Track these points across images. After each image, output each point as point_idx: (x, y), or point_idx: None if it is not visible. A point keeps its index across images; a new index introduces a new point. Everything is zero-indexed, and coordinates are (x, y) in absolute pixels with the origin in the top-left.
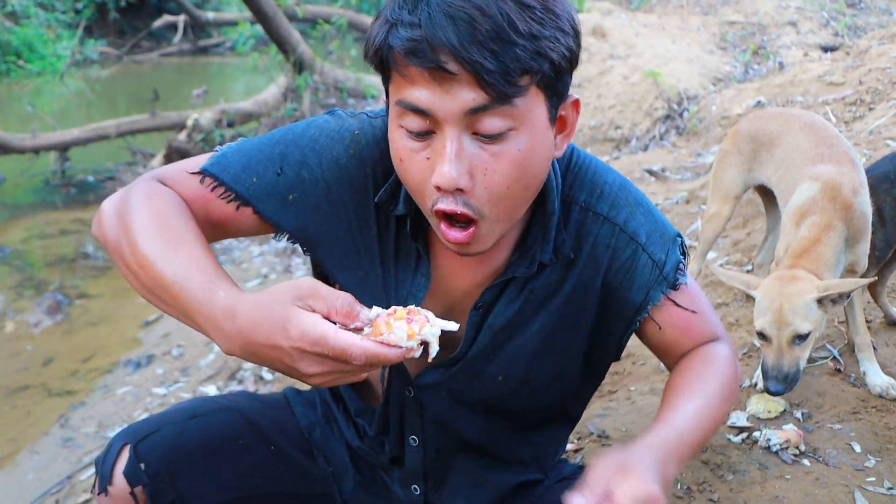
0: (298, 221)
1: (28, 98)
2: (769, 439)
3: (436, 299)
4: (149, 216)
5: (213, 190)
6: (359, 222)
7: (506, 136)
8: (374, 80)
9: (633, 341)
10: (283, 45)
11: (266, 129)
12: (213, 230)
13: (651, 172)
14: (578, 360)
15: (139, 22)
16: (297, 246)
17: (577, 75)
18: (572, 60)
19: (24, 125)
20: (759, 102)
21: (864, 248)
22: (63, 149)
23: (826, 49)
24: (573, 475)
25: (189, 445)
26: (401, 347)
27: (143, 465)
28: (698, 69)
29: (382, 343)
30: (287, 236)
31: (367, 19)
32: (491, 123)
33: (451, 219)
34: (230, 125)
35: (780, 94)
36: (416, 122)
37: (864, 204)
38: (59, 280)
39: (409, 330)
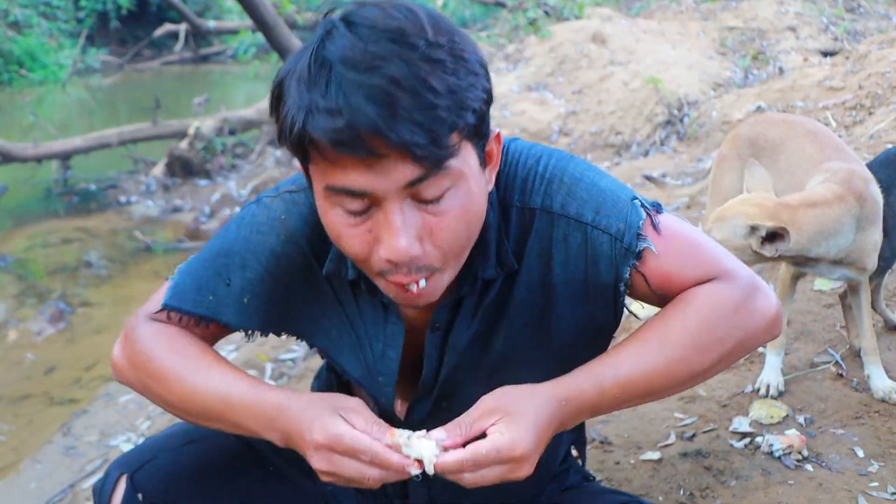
0: (259, 317)
1: (30, 107)
2: (772, 445)
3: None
4: (166, 356)
5: (180, 321)
6: (315, 296)
7: (445, 195)
8: None
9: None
10: (284, 54)
11: (267, 136)
12: (210, 342)
13: (649, 178)
14: (557, 363)
15: (140, 31)
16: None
17: (578, 81)
18: (489, 100)
19: (27, 134)
20: (759, 107)
21: (874, 238)
22: (65, 157)
23: (826, 54)
24: (578, 484)
25: (186, 472)
26: (406, 457)
27: (140, 496)
28: (698, 75)
29: (389, 447)
30: (259, 333)
31: None
32: (429, 190)
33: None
34: (231, 133)
35: (780, 100)
36: (353, 203)
37: (877, 193)
38: (61, 288)
39: (410, 440)
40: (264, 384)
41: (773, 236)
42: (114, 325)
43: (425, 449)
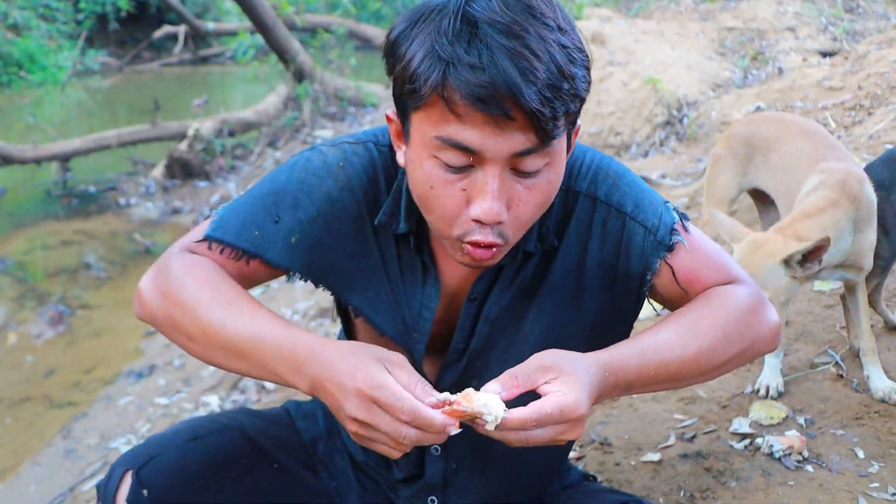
0: (304, 260)
1: (29, 109)
2: (772, 445)
3: (440, 302)
4: (199, 286)
5: (221, 253)
6: (360, 247)
7: (540, 171)
8: (373, 88)
9: None
10: (283, 55)
11: (266, 138)
12: (244, 285)
13: (644, 179)
14: (582, 344)
15: (140, 32)
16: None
17: None
18: (589, 92)
19: (26, 136)
20: (758, 108)
21: (871, 238)
22: (64, 159)
23: (825, 54)
24: (578, 483)
25: (191, 468)
26: (448, 418)
27: (145, 492)
28: (697, 75)
29: (435, 406)
30: (298, 276)
31: (366, 28)
32: (533, 163)
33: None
34: (231, 134)
35: (779, 100)
36: (458, 158)
37: (871, 193)
38: (61, 291)
39: (478, 402)
40: (298, 327)
41: (807, 256)
42: (113, 328)
43: (496, 404)
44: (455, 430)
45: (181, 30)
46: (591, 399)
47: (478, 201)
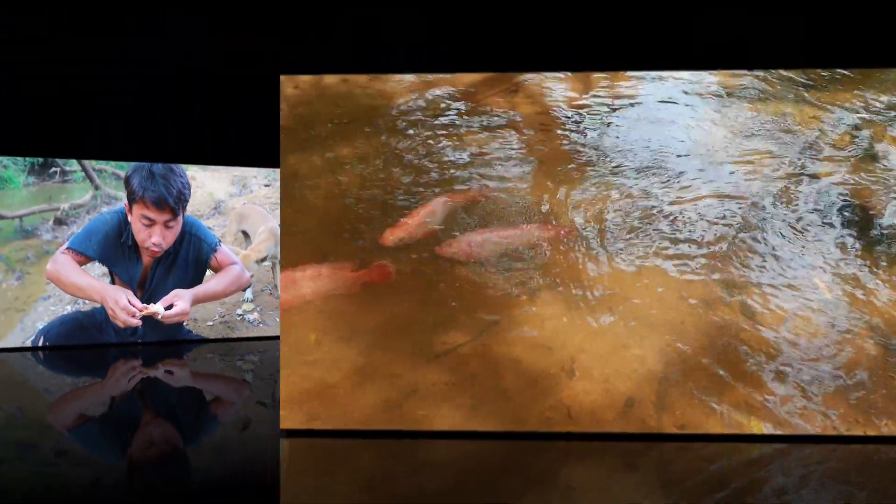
0: (99, 255)
1: (9, 198)
2: (250, 317)
3: (141, 269)
4: (66, 266)
5: (72, 253)
6: (117, 251)
7: (174, 226)
8: (122, 193)
9: None
10: (91, 179)
11: (86, 209)
12: (80, 265)
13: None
14: (187, 285)
15: (44, 169)
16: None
17: None
18: (190, 197)
19: (9, 208)
20: (245, 203)
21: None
22: (20, 217)
23: (267, 184)
24: (187, 333)
25: (63, 334)
26: (139, 322)
27: (47, 343)
28: (227, 190)
29: (142, 309)
30: (98, 262)
31: (118, 171)
32: (171, 223)
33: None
34: (74, 208)
35: (252, 200)
36: (147, 222)
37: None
38: (20, 268)
39: (150, 309)
40: (98, 280)
41: (263, 259)
42: (37, 281)
43: (161, 309)
44: (140, 324)
45: (58, 169)
46: (190, 306)
47: (153, 238)
